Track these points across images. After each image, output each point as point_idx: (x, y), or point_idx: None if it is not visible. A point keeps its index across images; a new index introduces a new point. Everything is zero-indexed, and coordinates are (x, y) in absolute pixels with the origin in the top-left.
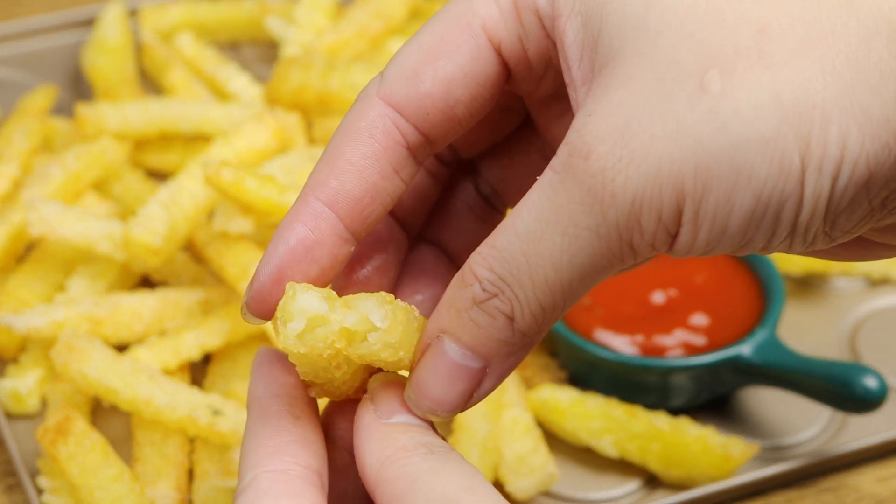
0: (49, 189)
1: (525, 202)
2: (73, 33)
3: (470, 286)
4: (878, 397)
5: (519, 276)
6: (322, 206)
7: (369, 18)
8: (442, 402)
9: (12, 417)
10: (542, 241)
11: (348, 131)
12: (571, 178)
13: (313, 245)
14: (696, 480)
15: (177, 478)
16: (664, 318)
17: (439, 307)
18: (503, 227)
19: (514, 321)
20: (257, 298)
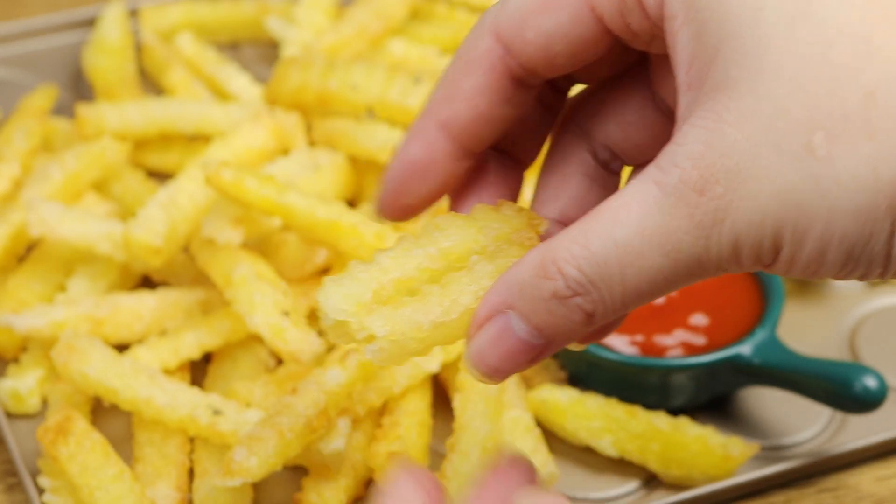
0: (49, 189)
1: (626, 213)
2: (74, 33)
3: (553, 280)
4: (878, 397)
5: (610, 284)
6: (436, 128)
7: (369, 18)
8: (499, 371)
9: (13, 417)
10: (643, 259)
11: (461, 59)
12: (682, 208)
13: (428, 165)
14: (696, 480)
15: (177, 477)
16: (664, 318)
17: (508, 283)
18: (599, 233)
19: (592, 318)
20: (384, 212)
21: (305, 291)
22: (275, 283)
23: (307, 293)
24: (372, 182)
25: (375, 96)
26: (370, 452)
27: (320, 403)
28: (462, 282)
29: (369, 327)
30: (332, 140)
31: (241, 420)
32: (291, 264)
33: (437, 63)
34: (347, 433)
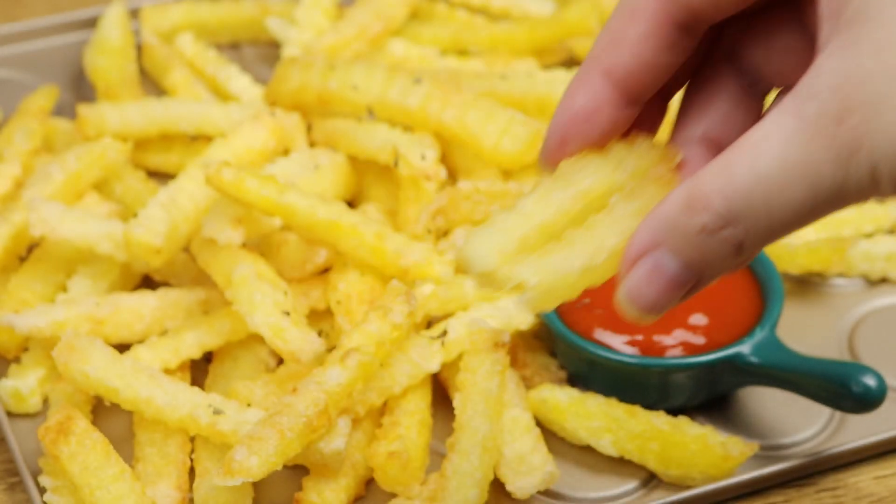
0: (50, 189)
1: (767, 145)
2: (75, 34)
3: (700, 213)
4: (877, 397)
5: (757, 216)
6: (600, 77)
7: (369, 19)
8: (654, 308)
9: (14, 417)
10: (786, 190)
11: (625, 7)
12: (821, 139)
13: (592, 112)
14: (696, 479)
15: (178, 477)
16: (664, 318)
17: (655, 222)
18: (742, 165)
19: (741, 249)
20: (548, 161)
21: (306, 291)
22: (275, 283)
23: (307, 293)
24: (372, 182)
25: (375, 96)
26: (370, 452)
27: (321, 403)
28: (605, 223)
29: (519, 277)
30: (332, 140)
31: (241, 419)
32: (292, 264)
33: (437, 63)
34: (348, 433)
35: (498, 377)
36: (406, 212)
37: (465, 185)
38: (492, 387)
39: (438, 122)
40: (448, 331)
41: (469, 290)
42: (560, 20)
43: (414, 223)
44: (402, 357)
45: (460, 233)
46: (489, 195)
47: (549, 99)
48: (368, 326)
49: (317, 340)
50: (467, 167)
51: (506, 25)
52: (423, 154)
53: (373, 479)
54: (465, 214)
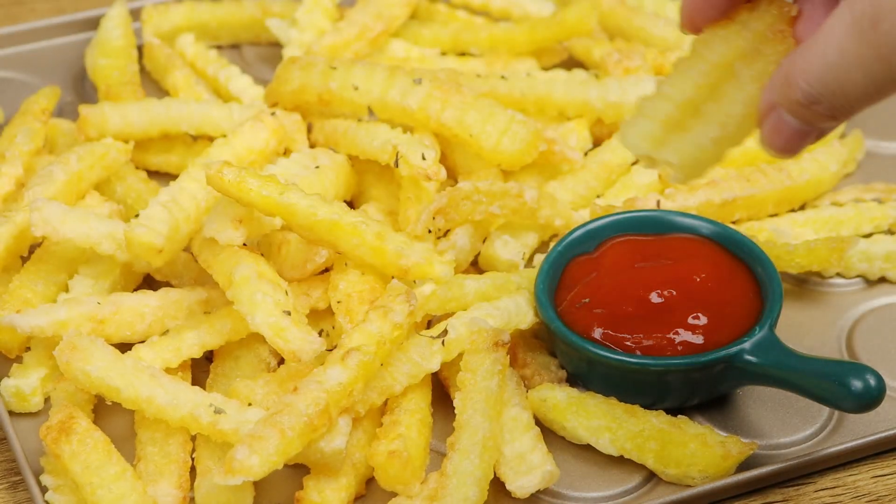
0: (51, 189)
1: (832, 38)
2: (76, 35)
3: (794, 91)
4: (876, 396)
5: (834, 95)
6: None
7: (370, 19)
8: (788, 151)
9: (16, 416)
10: (851, 75)
11: None
12: (865, 40)
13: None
14: (695, 478)
15: (179, 476)
16: (663, 318)
17: (772, 87)
18: (816, 54)
19: (834, 117)
20: (687, 27)
21: (306, 291)
22: (276, 283)
23: (308, 293)
24: (372, 182)
25: (376, 97)
26: (371, 451)
27: (321, 402)
28: (730, 93)
29: (665, 158)
30: (332, 140)
31: (242, 419)
32: (292, 264)
33: (437, 63)
34: (348, 432)
35: (498, 376)
36: (406, 212)
37: (465, 185)
38: (492, 386)
39: (438, 122)
40: (448, 330)
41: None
42: (560, 20)
43: (414, 223)
44: (402, 356)
45: (460, 233)
46: (489, 195)
47: (549, 99)
48: (369, 326)
49: (317, 340)
50: (467, 167)
51: (506, 26)
52: (423, 154)
53: (373, 478)
54: (465, 214)
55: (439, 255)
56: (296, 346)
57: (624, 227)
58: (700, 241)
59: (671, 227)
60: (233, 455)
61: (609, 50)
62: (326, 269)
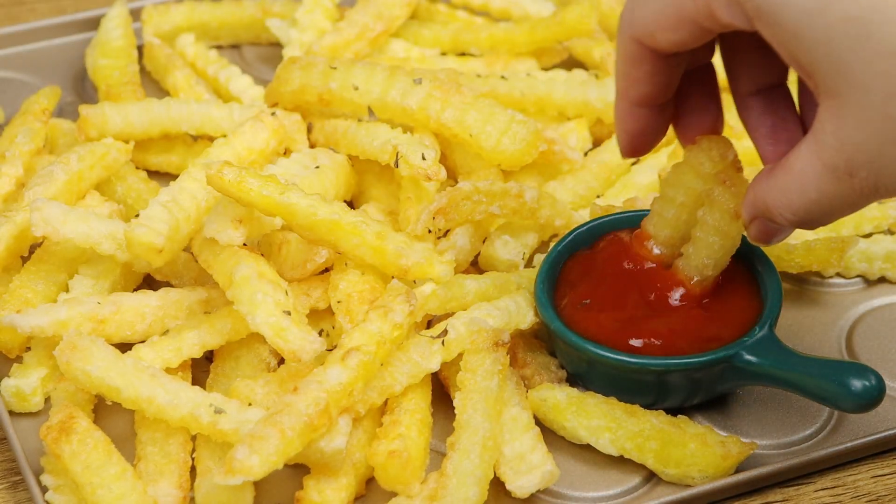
0: (52, 189)
1: (808, 178)
2: (77, 35)
3: (780, 219)
4: (875, 396)
5: (819, 221)
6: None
7: (370, 20)
8: (776, 242)
9: (16, 416)
10: (836, 214)
11: (623, 56)
12: (842, 185)
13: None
14: (695, 478)
15: (179, 476)
16: (663, 318)
17: (753, 207)
18: (794, 192)
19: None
20: (629, 156)
21: (306, 291)
22: (276, 283)
23: (308, 292)
24: (372, 182)
25: (376, 97)
26: (371, 451)
27: (321, 402)
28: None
29: None
30: (332, 140)
31: (242, 419)
32: (293, 264)
33: (437, 63)
34: (348, 432)
35: (498, 376)
36: (406, 212)
37: (465, 185)
38: (492, 386)
39: (438, 122)
40: (448, 330)
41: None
42: (560, 21)
43: (414, 223)
44: (402, 356)
45: (460, 233)
46: (489, 195)
47: (549, 99)
48: (369, 326)
49: (317, 340)
50: (467, 167)
51: (506, 26)
52: (423, 154)
53: (373, 477)
54: (465, 214)
55: (439, 255)
56: (296, 345)
57: (624, 227)
58: None
59: None
60: (233, 455)
61: (609, 50)
62: (326, 269)
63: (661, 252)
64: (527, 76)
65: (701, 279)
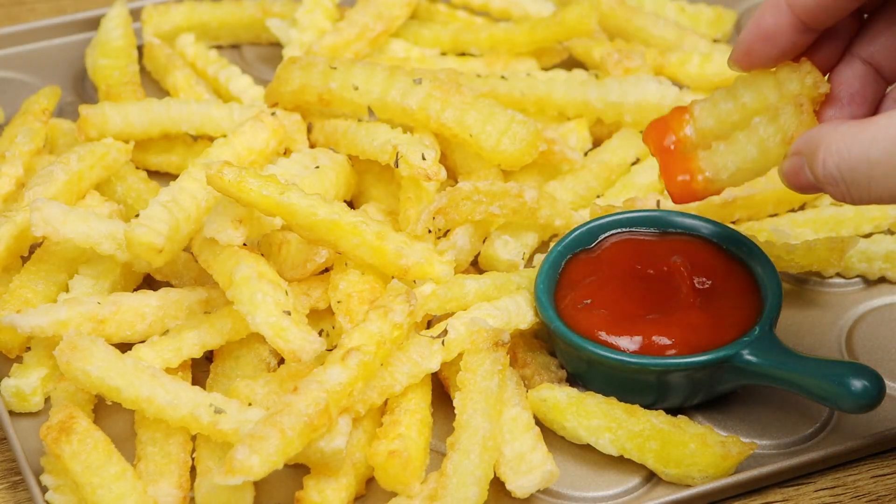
0: (52, 189)
1: (883, 136)
2: (77, 35)
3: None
4: (876, 396)
5: (858, 186)
6: (785, 5)
7: (370, 20)
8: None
9: (16, 416)
10: (886, 178)
11: None
12: None
13: (775, 33)
14: (695, 478)
15: (179, 476)
16: (663, 318)
17: (804, 140)
18: (860, 144)
19: (845, 198)
20: (734, 63)
21: (306, 291)
22: (276, 283)
23: (308, 292)
24: (372, 182)
25: (376, 97)
26: (371, 451)
27: (321, 402)
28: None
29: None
30: (332, 140)
31: (242, 419)
32: (293, 264)
33: (437, 63)
34: (348, 432)
35: (498, 376)
36: (406, 212)
37: (465, 185)
38: (492, 386)
39: (438, 122)
40: (448, 330)
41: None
42: (560, 21)
43: (414, 223)
44: (402, 356)
45: (460, 233)
46: (489, 195)
47: (549, 99)
48: (369, 326)
49: (317, 340)
50: (467, 167)
51: (506, 26)
52: (423, 154)
53: (373, 477)
54: (465, 214)
55: (439, 255)
56: (296, 345)
57: (624, 226)
58: (700, 241)
59: (671, 227)
60: (233, 455)
61: (609, 50)
62: (326, 269)
63: (691, 136)
64: (527, 76)
65: (710, 179)
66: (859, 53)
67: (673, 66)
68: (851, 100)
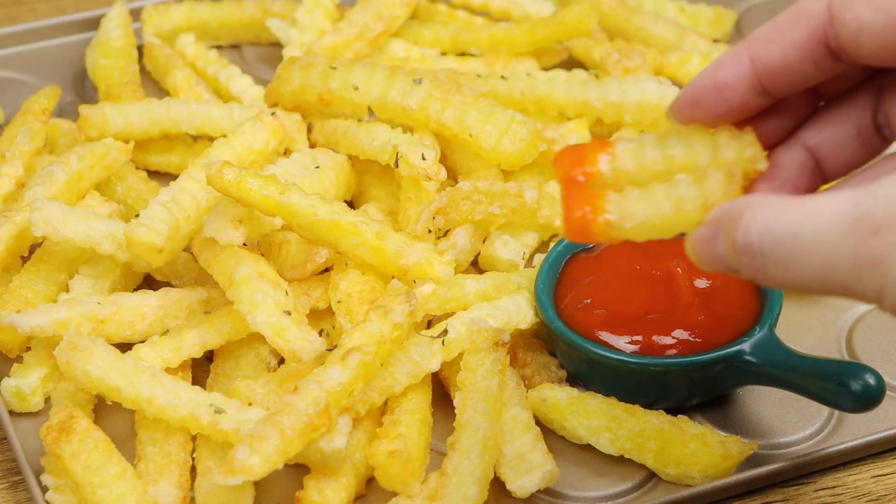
0: (52, 189)
1: (817, 217)
2: (77, 35)
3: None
4: (876, 396)
5: (776, 263)
6: (748, 59)
7: (370, 20)
8: (702, 264)
9: (16, 416)
10: (807, 259)
11: (795, 9)
12: (854, 238)
13: (729, 86)
14: (695, 478)
15: (179, 476)
16: (663, 318)
17: (723, 209)
18: (790, 219)
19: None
20: (674, 112)
21: (307, 291)
22: (276, 283)
23: (308, 292)
24: (372, 182)
25: (376, 97)
26: (371, 451)
27: (321, 402)
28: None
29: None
30: (332, 140)
31: (242, 419)
32: (293, 264)
33: (437, 63)
34: (348, 432)
35: (498, 376)
36: (406, 212)
37: (465, 185)
38: (492, 386)
39: (438, 122)
40: (448, 330)
41: (469, 290)
42: (560, 21)
43: (414, 223)
44: (402, 356)
45: (460, 233)
46: (489, 195)
47: (549, 99)
48: (369, 326)
49: (318, 340)
50: (467, 167)
51: (506, 26)
52: (423, 154)
53: (373, 477)
54: (465, 214)
55: (439, 255)
56: (296, 345)
57: None
58: None
59: None
60: (233, 455)
61: (609, 50)
62: (326, 269)
63: (606, 173)
64: (527, 76)
65: (611, 223)
66: (805, 140)
67: (673, 66)
68: (784, 185)
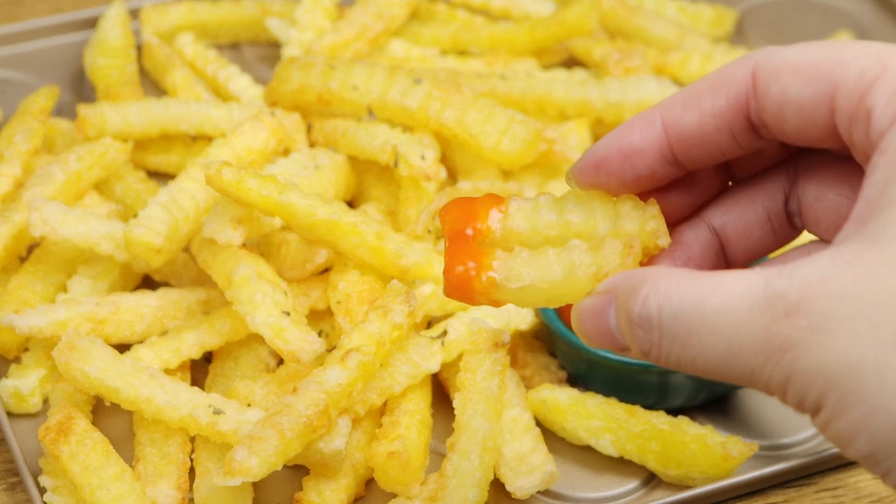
0: (50, 189)
1: (725, 293)
2: (75, 34)
3: (637, 302)
4: None
5: (672, 338)
6: (661, 124)
7: (370, 19)
8: (589, 340)
9: (14, 417)
10: (709, 337)
11: (718, 76)
12: (764, 320)
13: (637, 153)
14: (696, 479)
15: (178, 477)
16: None
17: (620, 277)
18: (696, 293)
19: (649, 355)
20: (576, 175)
21: (306, 291)
22: (275, 283)
23: (308, 293)
24: (372, 182)
25: (376, 97)
26: (370, 452)
27: (321, 403)
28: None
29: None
30: (332, 140)
31: (241, 419)
32: (292, 264)
33: (437, 63)
34: (348, 432)
35: (498, 377)
36: (406, 212)
37: (465, 185)
38: (492, 387)
39: (438, 122)
40: (448, 331)
41: None
42: (560, 20)
43: (414, 223)
44: (402, 357)
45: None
46: None
47: (549, 99)
48: (368, 326)
49: (317, 340)
50: (467, 167)
51: (506, 26)
52: (423, 154)
53: (373, 478)
54: None
55: (439, 255)
56: (295, 346)
57: None
58: None
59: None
60: (232, 456)
61: (609, 50)
62: (326, 269)
63: (495, 231)
64: (527, 76)
65: (495, 283)
66: (711, 220)
67: (674, 66)
68: (686, 265)
